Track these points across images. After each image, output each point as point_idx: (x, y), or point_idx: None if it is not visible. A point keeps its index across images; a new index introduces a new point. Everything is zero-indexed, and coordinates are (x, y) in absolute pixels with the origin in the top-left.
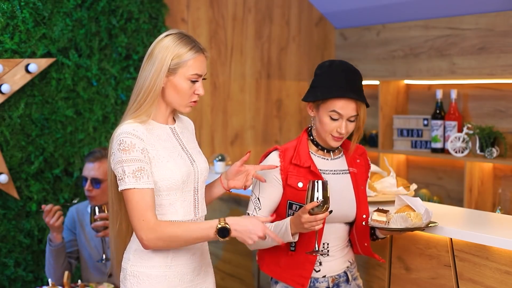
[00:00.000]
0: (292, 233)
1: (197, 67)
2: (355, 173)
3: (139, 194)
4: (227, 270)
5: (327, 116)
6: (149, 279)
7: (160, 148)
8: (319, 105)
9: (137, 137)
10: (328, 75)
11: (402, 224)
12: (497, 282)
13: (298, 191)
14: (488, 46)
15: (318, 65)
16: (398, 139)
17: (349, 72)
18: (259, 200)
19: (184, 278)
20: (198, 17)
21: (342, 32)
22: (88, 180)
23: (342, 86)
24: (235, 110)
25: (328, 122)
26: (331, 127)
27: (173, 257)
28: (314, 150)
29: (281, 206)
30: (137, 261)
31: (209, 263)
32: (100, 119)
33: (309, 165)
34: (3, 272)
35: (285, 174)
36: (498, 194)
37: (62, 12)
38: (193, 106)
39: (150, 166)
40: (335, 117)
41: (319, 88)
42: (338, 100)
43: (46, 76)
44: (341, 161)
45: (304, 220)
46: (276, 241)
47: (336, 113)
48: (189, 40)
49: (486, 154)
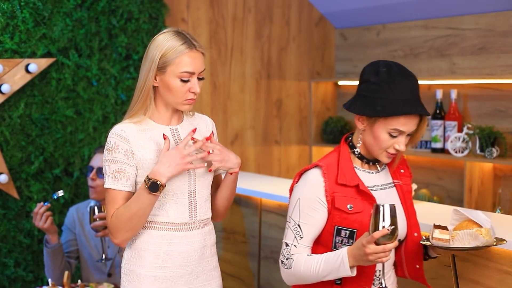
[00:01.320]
0: (350, 266)
1: (186, 64)
2: (400, 186)
3: (114, 194)
4: (227, 270)
5: (385, 133)
6: (139, 278)
7: (150, 150)
8: (377, 119)
9: (122, 139)
10: (389, 85)
11: (472, 243)
12: (497, 282)
13: (348, 215)
14: (488, 46)
15: (368, 69)
16: None
17: (412, 80)
18: (300, 227)
19: (177, 280)
20: (198, 17)
21: (342, 32)
22: (94, 169)
23: (407, 99)
24: (235, 110)
25: (386, 139)
26: (388, 144)
27: (165, 259)
28: (358, 164)
29: (325, 232)
30: (129, 259)
31: (214, 268)
32: (100, 119)
33: (357, 184)
34: (3, 272)
35: (331, 195)
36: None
37: (62, 12)
38: (190, 103)
39: (133, 168)
40: (395, 134)
41: (378, 100)
42: (403, 117)
43: (46, 76)
44: (385, 173)
45: (370, 251)
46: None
47: (397, 130)
48: (180, 37)
49: (486, 154)
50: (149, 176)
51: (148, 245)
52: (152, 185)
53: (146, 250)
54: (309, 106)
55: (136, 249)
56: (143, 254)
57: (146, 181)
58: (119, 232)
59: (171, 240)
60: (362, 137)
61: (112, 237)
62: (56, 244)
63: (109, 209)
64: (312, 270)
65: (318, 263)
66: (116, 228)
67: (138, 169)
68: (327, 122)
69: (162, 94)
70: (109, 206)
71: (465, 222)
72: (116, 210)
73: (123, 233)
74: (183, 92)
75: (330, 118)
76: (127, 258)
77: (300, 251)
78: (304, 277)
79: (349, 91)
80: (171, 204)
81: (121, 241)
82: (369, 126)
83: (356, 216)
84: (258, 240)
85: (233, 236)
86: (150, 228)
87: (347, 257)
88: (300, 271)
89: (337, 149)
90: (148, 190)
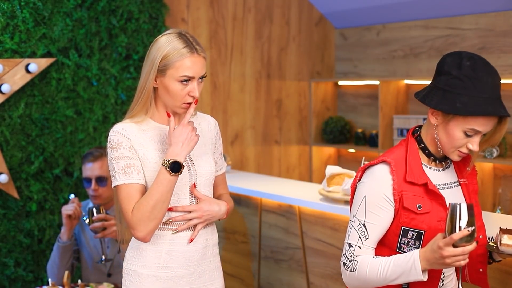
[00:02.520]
0: (422, 270)
1: (187, 68)
2: (466, 185)
3: (127, 190)
4: (227, 270)
5: (460, 132)
6: (140, 278)
7: (152, 149)
8: (454, 117)
9: (123, 136)
10: (472, 81)
11: None
12: (497, 282)
13: (416, 215)
14: (488, 46)
15: (450, 60)
16: (398, 139)
17: (495, 77)
18: (365, 227)
19: (179, 280)
20: (198, 17)
21: (342, 32)
22: (93, 180)
23: (490, 97)
24: (235, 110)
25: (460, 138)
26: (462, 143)
27: (167, 258)
28: (426, 161)
29: (390, 233)
30: (131, 259)
31: (216, 268)
32: (100, 119)
33: (425, 182)
34: (3, 272)
35: (399, 194)
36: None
37: (62, 12)
38: (187, 108)
39: (140, 163)
40: (470, 134)
41: (458, 96)
42: (483, 117)
43: (46, 76)
44: (451, 171)
45: (448, 253)
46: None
47: (474, 130)
48: (182, 40)
49: (486, 154)
50: (167, 158)
51: (150, 245)
52: (173, 165)
53: (148, 250)
54: (309, 106)
55: (138, 249)
56: (145, 254)
57: (165, 164)
58: (143, 224)
59: (173, 240)
60: (434, 132)
61: (136, 232)
62: (67, 240)
63: (125, 206)
64: (379, 274)
65: (386, 265)
66: (139, 221)
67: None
68: (327, 122)
69: (161, 96)
70: (125, 203)
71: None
72: (136, 203)
73: (148, 224)
74: (181, 95)
75: (330, 118)
76: (128, 258)
77: (365, 253)
78: (369, 281)
79: (349, 91)
80: (171, 203)
81: (146, 234)
82: (444, 122)
83: (424, 216)
84: (258, 240)
85: (233, 236)
86: None
87: (419, 260)
88: (365, 274)
89: (403, 143)
90: (170, 172)
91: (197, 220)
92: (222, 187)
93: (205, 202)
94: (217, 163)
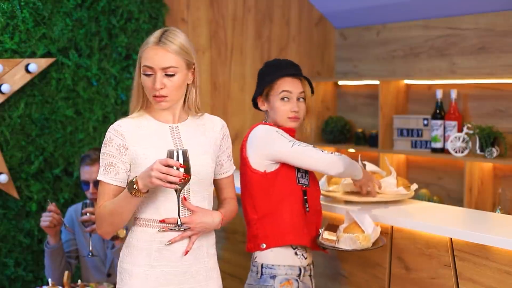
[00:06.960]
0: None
1: (146, 58)
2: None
3: (104, 186)
4: (227, 270)
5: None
6: (130, 276)
7: (146, 146)
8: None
9: (118, 133)
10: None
11: (351, 246)
12: (497, 282)
13: None
14: (488, 46)
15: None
16: (398, 139)
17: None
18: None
19: (171, 280)
20: (198, 17)
21: (342, 32)
22: (91, 183)
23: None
24: (235, 110)
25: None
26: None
27: (157, 258)
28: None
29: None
30: (123, 257)
31: (212, 268)
32: (100, 119)
33: None
34: (3, 272)
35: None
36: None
37: (62, 12)
38: (159, 101)
39: (125, 164)
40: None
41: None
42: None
43: (46, 76)
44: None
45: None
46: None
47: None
48: (158, 34)
49: (486, 154)
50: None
51: (140, 243)
52: (129, 184)
53: (138, 248)
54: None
55: (129, 247)
56: (136, 253)
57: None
58: (102, 224)
59: (163, 238)
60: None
61: (96, 227)
62: (55, 245)
63: (99, 200)
64: None
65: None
66: (100, 220)
67: (132, 165)
68: (327, 122)
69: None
70: (99, 198)
71: (352, 224)
72: (104, 203)
73: (105, 226)
74: (149, 87)
75: (330, 118)
76: (122, 256)
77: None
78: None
79: (349, 91)
80: (162, 202)
81: (102, 233)
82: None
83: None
84: None
85: (233, 236)
86: (143, 226)
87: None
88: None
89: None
90: (127, 187)
91: (190, 232)
92: (228, 190)
93: (198, 214)
94: (223, 165)
